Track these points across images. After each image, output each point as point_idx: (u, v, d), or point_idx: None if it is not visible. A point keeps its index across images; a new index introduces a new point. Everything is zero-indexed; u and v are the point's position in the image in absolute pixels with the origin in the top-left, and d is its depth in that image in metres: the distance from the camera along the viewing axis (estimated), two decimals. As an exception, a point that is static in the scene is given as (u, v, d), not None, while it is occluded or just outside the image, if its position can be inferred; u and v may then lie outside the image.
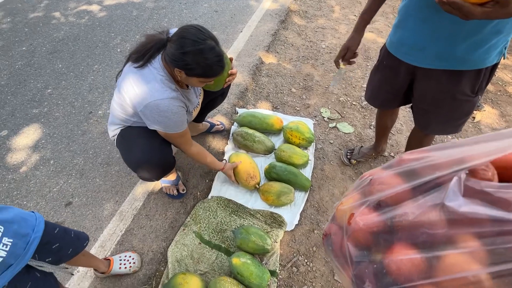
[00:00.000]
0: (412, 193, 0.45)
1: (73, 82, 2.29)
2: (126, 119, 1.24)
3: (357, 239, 0.48)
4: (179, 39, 1.04)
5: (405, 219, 0.43)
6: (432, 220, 0.39)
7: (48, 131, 1.91)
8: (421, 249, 0.40)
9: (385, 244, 0.44)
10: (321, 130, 1.91)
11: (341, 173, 1.68)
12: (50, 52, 2.62)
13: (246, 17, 2.99)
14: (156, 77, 1.09)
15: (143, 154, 1.22)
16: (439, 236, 0.39)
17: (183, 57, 1.02)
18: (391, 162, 0.53)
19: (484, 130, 1.92)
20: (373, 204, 0.48)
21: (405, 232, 0.43)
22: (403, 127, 1.94)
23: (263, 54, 2.50)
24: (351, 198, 0.54)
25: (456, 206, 0.38)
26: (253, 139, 1.68)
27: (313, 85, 2.24)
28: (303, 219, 1.48)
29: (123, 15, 3.10)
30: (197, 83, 1.13)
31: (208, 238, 1.42)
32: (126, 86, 1.12)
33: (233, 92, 2.14)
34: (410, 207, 0.43)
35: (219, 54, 1.06)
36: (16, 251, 0.71)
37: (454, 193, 0.39)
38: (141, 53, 1.12)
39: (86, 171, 1.68)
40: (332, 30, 2.83)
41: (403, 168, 0.48)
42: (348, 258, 0.49)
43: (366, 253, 0.47)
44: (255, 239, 1.29)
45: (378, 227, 0.46)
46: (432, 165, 0.44)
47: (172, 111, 1.11)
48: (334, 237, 0.55)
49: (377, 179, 0.51)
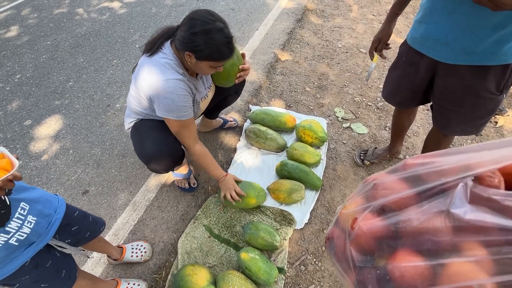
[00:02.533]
0: (417, 199, 0.44)
1: (93, 76, 2.37)
2: (141, 112, 1.27)
3: (360, 244, 0.47)
4: (189, 20, 1.04)
5: (409, 225, 0.42)
6: (437, 227, 0.39)
7: (69, 122, 1.99)
8: (426, 256, 0.40)
9: (389, 249, 0.44)
10: (335, 130, 1.89)
11: (353, 174, 1.65)
12: (73, 46, 2.72)
13: (262, 15, 2.99)
14: (164, 61, 1.10)
15: (152, 146, 1.25)
16: (444, 244, 0.38)
17: (192, 38, 1.02)
18: (395, 167, 0.52)
19: (506, 136, 1.84)
20: (377, 209, 0.48)
21: (409, 238, 0.42)
22: (419, 129, 1.89)
23: (278, 52, 2.49)
24: (354, 202, 0.53)
25: (461, 213, 0.37)
26: (265, 136, 1.69)
27: (327, 84, 2.22)
28: (313, 218, 1.47)
29: (143, 12, 3.18)
30: (207, 69, 1.12)
31: (218, 232, 1.43)
32: (139, 76, 1.15)
33: (247, 89, 2.14)
34: (414, 213, 0.42)
35: (228, 35, 1.05)
36: (39, 230, 0.75)
37: (460, 199, 0.38)
38: (152, 44, 1.15)
39: (103, 161, 1.74)
40: (349, 29, 2.79)
41: (408, 173, 0.48)
42: (350, 262, 0.48)
43: (369, 258, 0.46)
44: (264, 235, 1.29)
45: (382, 232, 0.45)
46: (438, 171, 0.43)
47: (177, 92, 1.10)
48: (337, 241, 0.55)
49: (381, 184, 0.50)
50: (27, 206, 0.73)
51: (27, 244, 0.73)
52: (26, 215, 0.72)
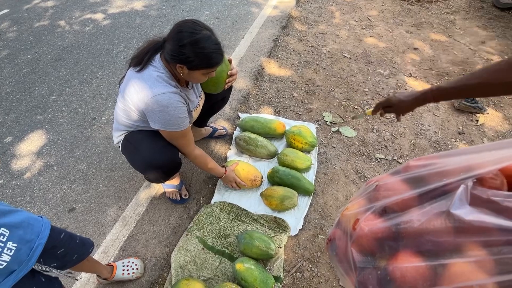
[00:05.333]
0: (418, 200, 0.44)
1: (77, 88, 2.32)
2: (131, 124, 1.25)
3: (362, 244, 0.47)
4: (176, 34, 1.05)
5: (411, 226, 0.42)
6: (438, 228, 0.39)
7: (52, 137, 1.93)
8: (427, 256, 0.40)
9: (390, 250, 0.44)
10: (324, 134, 1.91)
11: (344, 177, 1.67)
12: (55, 59, 2.66)
13: (247, 24, 3.02)
14: (156, 74, 1.10)
15: (150, 154, 1.23)
16: (445, 244, 0.38)
17: (182, 50, 1.03)
18: (397, 168, 0.52)
19: (487, 133, 1.91)
20: (379, 210, 0.47)
21: (410, 239, 0.42)
22: (406, 130, 1.94)
23: (264, 60, 2.51)
24: (356, 204, 0.53)
25: (462, 214, 0.37)
26: (255, 143, 1.68)
27: (315, 89, 2.25)
28: (307, 223, 1.47)
29: (127, 23, 3.15)
30: (200, 77, 1.14)
31: (212, 243, 1.41)
32: (129, 90, 1.14)
33: (235, 97, 2.15)
34: (415, 214, 0.42)
35: (216, 42, 1.08)
36: (20, 257, 0.71)
37: (460, 201, 0.38)
38: (140, 57, 1.14)
39: (90, 176, 1.68)
40: (333, 35, 2.85)
41: (410, 175, 0.48)
42: (352, 263, 0.48)
43: (370, 259, 0.47)
44: (258, 244, 1.27)
45: (383, 233, 0.45)
46: (440, 172, 0.43)
47: (172, 105, 1.11)
48: (338, 242, 0.55)
49: (383, 185, 0.50)
50: (7, 232, 0.69)
51: (7, 273, 0.69)
52: (6, 241, 0.68)
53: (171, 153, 1.30)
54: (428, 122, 1.99)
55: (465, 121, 1.99)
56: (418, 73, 2.40)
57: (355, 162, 1.74)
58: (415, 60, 2.54)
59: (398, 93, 0.95)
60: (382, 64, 2.48)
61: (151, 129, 1.27)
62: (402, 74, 2.39)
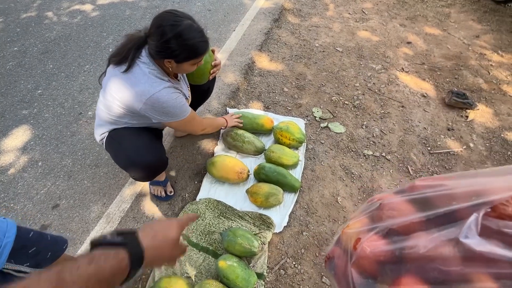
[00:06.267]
0: (425, 225, 0.42)
1: (64, 82, 2.28)
2: (116, 121, 1.22)
3: (363, 266, 0.46)
4: (157, 29, 1.04)
5: (416, 252, 0.40)
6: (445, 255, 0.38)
7: (38, 132, 1.90)
8: (432, 284, 0.38)
9: (392, 275, 0.42)
10: (313, 130, 1.89)
11: (331, 173, 1.66)
12: (42, 52, 2.60)
13: (239, 16, 2.96)
14: (148, 71, 1.10)
15: (136, 153, 1.21)
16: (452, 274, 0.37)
17: (166, 45, 1.03)
18: (402, 188, 0.50)
19: (477, 130, 1.90)
20: (383, 232, 0.46)
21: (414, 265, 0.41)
22: (395, 126, 1.92)
23: (255, 53, 2.47)
24: (359, 222, 0.51)
25: (472, 245, 0.36)
26: (242, 139, 1.67)
27: (305, 84, 2.22)
28: (292, 220, 1.46)
29: (116, 15, 3.08)
30: (189, 67, 1.15)
31: (196, 240, 1.40)
32: (118, 88, 1.11)
33: (224, 91, 2.12)
34: (422, 239, 0.41)
35: (199, 29, 1.07)
36: None
37: (470, 230, 0.37)
38: (122, 55, 1.11)
39: (74, 173, 1.67)
40: (325, 28, 2.81)
41: (416, 195, 0.46)
42: (351, 285, 0.47)
43: (371, 282, 0.45)
44: (241, 242, 1.27)
45: (386, 256, 0.44)
46: (448, 195, 0.42)
47: (172, 98, 1.14)
48: (337, 261, 0.53)
49: (387, 204, 0.48)
50: None
51: None
52: None
53: (158, 152, 1.29)
54: (418, 118, 1.98)
55: (455, 117, 1.98)
56: (410, 68, 2.37)
57: (343, 159, 1.73)
58: (408, 54, 2.51)
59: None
60: (375, 59, 2.45)
61: (137, 125, 1.25)
62: (394, 69, 2.36)
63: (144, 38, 1.10)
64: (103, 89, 1.19)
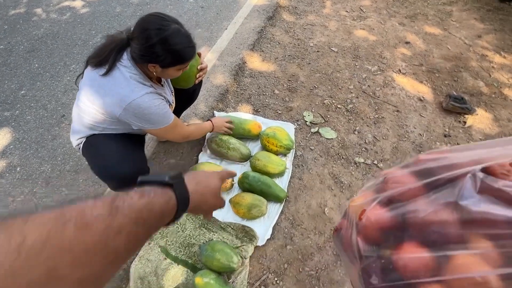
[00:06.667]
0: (425, 189, 0.43)
1: (48, 83, 2.21)
2: (94, 126, 1.15)
3: (367, 234, 0.48)
4: (141, 33, 0.98)
5: (417, 216, 0.42)
6: (444, 219, 0.39)
7: (18, 135, 1.84)
8: (431, 247, 0.40)
9: (395, 240, 0.44)
10: (303, 135, 1.82)
11: (320, 182, 1.59)
12: (28, 51, 2.53)
13: (232, 14, 2.87)
14: (128, 75, 1.04)
15: (115, 164, 1.15)
16: (451, 236, 0.38)
17: (151, 50, 0.98)
18: (407, 162, 0.52)
19: (475, 136, 1.82)
20: (384, 200, 0.48)
21: (415, 230, 0.42)
22: (389, 132, 1.84)
23: (247, 53, 2.38)
24: (364, 195, 0.54)
25: (470, 205, 0.37)
26: (227, 146, 1.59)
27: (297, 86, 2.13)
28: (276, 232, 1.40)
29: (106, 11, 2.99)
30: (175, 72, 1.10)
31: (175, 253, 1.34)
32: (96, 92, 1.05)
33: (212, 94, 2.04)
34: (421, 203, 0.42)
35: (187, 34, 1.03)
36: None
37: (469, 190, 0.37)
38: (102, 57, 1.05)
39: (53, 179, 1.61)
40: (321, 27, 2.71)
41: (419, 167, 0.48)
42: (356, 252, 0.49)
43: (375, 248, 0.47)
44: (220, 257, 1.21)
45: (389, 223, 0.45)
46: (449, 165, 0.43)
47: (154, 105, 1.08)
48: (344, 232, 0.55)
49: (391, 178, 0.50)
50: None
51: None
52: None
53: (138, 162, 1.23)
54: (414, 123, 1.89)
55: (452, 123, 1.89)
56: (407, 69, 2.28)
57: (333, 167, 1.66)
58: (406, 55, 2.41)
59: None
60: (371, 59, 2.35)
61: (117, 131, 1.19)
62: (390, 70, 2.26)
63: (127, 40, 1.04)
64: (80, 92, 1.12)
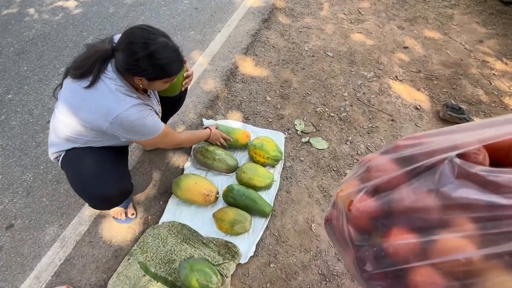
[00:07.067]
0: (407, 177, 0.46)
1: (36, 86, 2.17)
2: (76, 139, 1.11)
3: (357, 224, 0.50)
4: (127, 46, 0.95)
5: (402, 204, 0.44)
6: (427, 205, 0.41)
7: (2, 142, 1.80)
8: (418, 232, 0.42)
9: (383, 228, 0.46)
10: (293, 145, 1.76)
11: (308, 196, 1.53)
12: (18, 52, 2.48)
13: (226, 16, 2.80)
14: (114, 87, 1.00)
15: (95, 183, 1.10)
16: (434, 221, 0.40)
17: (137, 64, 0.95)
18: (387, 147, 0.54)
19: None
20: (371, 190, 0.50)
21: (402, 217, 0.44)
22: (382, 143, 1.78)
23: (240, 57, 2.32)
24: (350, 185, 0.55)
25: (449, 191, 0.39)
26: (213, 157, 1.54)
27: (290, 93, 2.07)
28: (260, 249, 1.35)
29: (99, 12, 2.94)
30: (161, 85, 1.07)
31: (154, 269, 1.30)
32: (79, 105, 1.01)
33: (202, 100, 1.98)
34: (405, 191, 0.44)
35: (175, 48, 1.00)
36: None
37: (447, 176, 0.40)
38: (85, 68, 1.00)
39: (34, 189, 1.57)
40: (317, 30, 2.63)
41: (399, 154, 0.50)
42: (349, 242, 0.51)
43: (366, 237, 0.49)
44: (198, 277, 1.16)
45: (377, 212, 0.47)
46: (427, 152, 0.45)
47: (142, 116, 1.05)
48: (335, 222, 0.57)
49: (374, 166, 0.52)
50: None
51: None
52: None
53: (121, 181, 1.18)
54: (409, 133, 1.82)
55: (449, 134, 1.82)
56: (405, 76, 2.20)
57: (322, 179, 1.60)
58: (404, 60, 2.33)
59: None
60: (367, 65, 2.28)
61: (100, 144, 1.15)
62: (387, 77, 2.19)
63: (111, 51, 0.99)
64: (60, 104, 1.07)
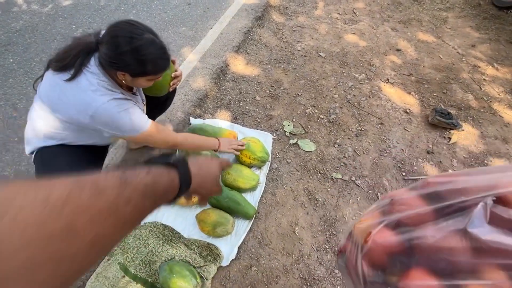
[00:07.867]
0: (434, 216, 0.42)
1: (21, 80, 2.12)
2: (53, 134, 1.07)
3: (373, 258, 0.47)
4: (111, 39, 0.92)
5: (425, 242, 0.41)
6: (453, 246, 0.38)
7: (-17, 136, 1.76)
8: (440, 276, 0.38)
9: (402, 267, 0.43)
10: (280, 146, 1.74)
11: (293, 199, 1.52)
12: (4, 44, 2.42)
13: (219, 12, 2.76)
14: (97, 82, 0.97)
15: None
16: (460, 264, 0.37)
17: (121, 58, 0.92)
18: (415, 184, 0.51)
19: (458, 154, 1.75)
20: (392, 224, 0.46)
21: (423, 256, 0.41)
22: (370, 146, 1.77)
23: (231, 55, 2.29)
24: (370, 217, 0.52)
25: (480, 234, 0.36)
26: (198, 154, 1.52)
27: (280, 93, 2.05)
28: (242, 252, 1.34)
29: (89, 4, 2.87)
30: (145, 83, 1.04)
31: (134, 271, 1.28)
32: (59, 99, 0.98)
33: (190, 99, 1.96)
34: (430, 229, 0.41)
35: (161, 46, 0.97)
36: None
37: (478, 219, 0.37)
38: (67, 61, 0.96)
39: (14, 186, 1.53)
40: (311, 29, 2.61)
41: (427, 191, 0.46)
42: (361, 277, 0.48)
43: (380, 273, 0.46)
44: (176, 281, 1.15)
45: (395, 248, 0.44)
46: (459, 189, 0.41)
47: (123, 109, 1.01)
48: (348, 254, 0.54)
49: (398, 200, 0.49)
50: None
51: None
52: None
53: None
54: (397, 137, 1.82)
55: (436, 138, 1.82)
56: (396, 79, 2.20)
57: (308, 182, 1.59)
58: (396, 63, 2.33)
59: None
60: (359, 67, 2.27)
61: (81, 141, 1.12)
62: (378, 79, 2.18)
63: (95, 44, 0.96)
64: (39, 97, 1.04)
